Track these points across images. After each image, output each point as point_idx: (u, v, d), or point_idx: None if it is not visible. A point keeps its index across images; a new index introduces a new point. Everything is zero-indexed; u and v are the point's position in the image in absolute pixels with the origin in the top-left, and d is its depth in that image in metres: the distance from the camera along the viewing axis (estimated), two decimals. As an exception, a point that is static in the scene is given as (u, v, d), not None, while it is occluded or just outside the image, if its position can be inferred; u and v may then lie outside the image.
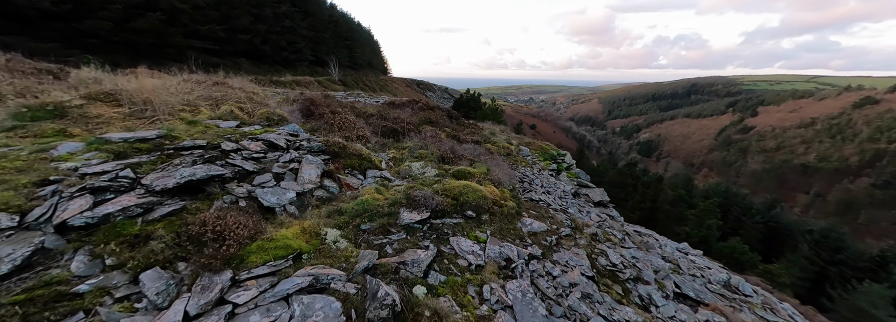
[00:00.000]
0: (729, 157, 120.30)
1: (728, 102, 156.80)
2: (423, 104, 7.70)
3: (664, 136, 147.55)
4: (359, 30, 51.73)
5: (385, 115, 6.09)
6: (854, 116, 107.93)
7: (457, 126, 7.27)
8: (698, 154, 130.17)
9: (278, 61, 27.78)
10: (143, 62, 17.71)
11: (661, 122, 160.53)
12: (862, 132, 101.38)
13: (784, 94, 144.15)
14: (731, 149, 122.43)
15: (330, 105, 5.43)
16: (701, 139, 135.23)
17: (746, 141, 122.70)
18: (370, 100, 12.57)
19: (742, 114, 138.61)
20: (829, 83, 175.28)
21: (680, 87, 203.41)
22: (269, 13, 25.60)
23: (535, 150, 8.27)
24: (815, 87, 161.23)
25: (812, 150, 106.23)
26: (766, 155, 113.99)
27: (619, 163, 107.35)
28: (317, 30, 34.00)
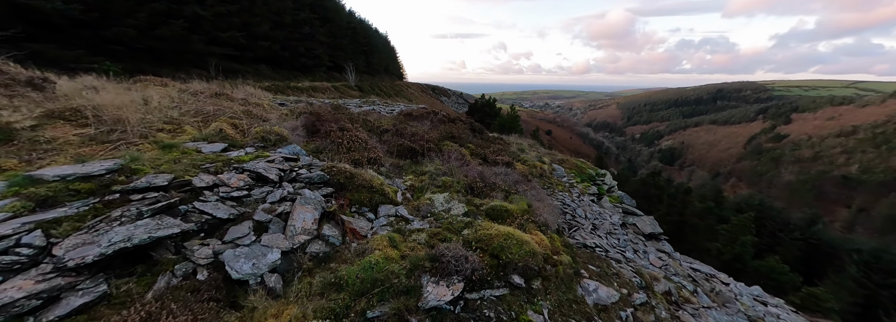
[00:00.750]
0: (760, 166, 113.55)
1: (758, 109, 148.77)
2: (444, 116, 6.88)
3: (688, 143, 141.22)
4: (376, 36, 52.05)
5: (401, 131, 5.29)
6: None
7: (481, 142, 6.40)
8: (726, 163, 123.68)
9: (297, 67, 27.87)
10: (165, 68, 17.90)
11: (684, 129, 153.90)
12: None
13: (821, 101, 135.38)
14: (762, 158, 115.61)
15: (338, 120, 4.68)
16: (728, 147, 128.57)
17: (779, 150, 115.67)
18: (385, 108, 11.89)
19: (774, 121, 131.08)
20: (872, 89, 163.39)
21: (705, 92, 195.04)
22: (288, 20, 25.75)
23: (570, 169, 7.24)
24: (855, 93, 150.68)
25: (854, 161, 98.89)
26: (802, 165, 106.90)
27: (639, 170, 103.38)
28: (335, 36, 34.16)
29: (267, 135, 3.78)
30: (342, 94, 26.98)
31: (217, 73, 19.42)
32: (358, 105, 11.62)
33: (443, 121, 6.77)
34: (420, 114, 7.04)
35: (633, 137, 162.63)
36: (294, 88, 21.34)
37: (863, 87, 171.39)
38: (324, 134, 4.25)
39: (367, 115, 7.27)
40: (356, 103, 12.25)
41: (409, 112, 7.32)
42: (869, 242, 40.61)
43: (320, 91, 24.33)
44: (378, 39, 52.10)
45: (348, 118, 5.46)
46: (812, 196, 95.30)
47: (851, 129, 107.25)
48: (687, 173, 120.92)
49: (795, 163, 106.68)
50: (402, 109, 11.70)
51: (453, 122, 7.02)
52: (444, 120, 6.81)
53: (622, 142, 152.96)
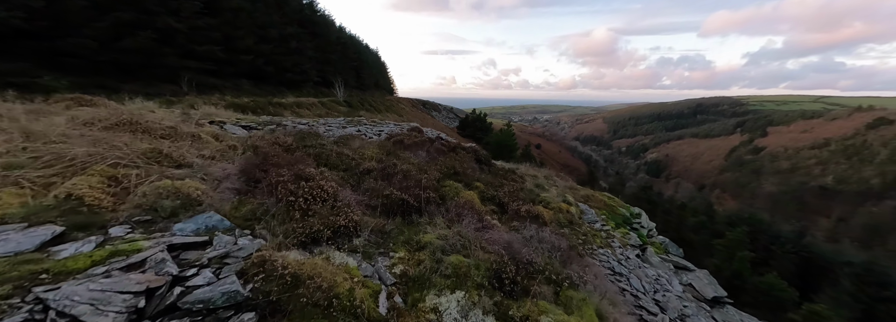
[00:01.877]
0: (741, 178, 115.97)
1: (736, 122, 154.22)
2: (443, 144, 5.49)
3: (672, 156, 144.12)
4: (366, 52, 51.49)
5: (389, 171, 3.84)
6: (869, 137, 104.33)
7: (491, 178, 5.01)
8: (709, 175, 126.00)
9: (282, 82, 26.41)
10: (132, 83, 16.15)
11: (667, 142, 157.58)
12: (880, 153, 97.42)
13: (793, 114, 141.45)
14: (744, 170, 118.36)
15: (296, 162, 3.20)
16: (711, 160, 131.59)
17: (759, 161, 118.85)
18: (373, 128, 10.43)
19: (751, 134, 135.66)
20: (837, 103, 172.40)
21: (685, 107, 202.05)
22: (274, 34, 24.52)
23: (599, 209, 5.86)
24: (823, 108, 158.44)
25: (829, 172, 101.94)
26: (781, 176, 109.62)
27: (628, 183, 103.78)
28: (324, 51, 33.08)
29: (162, 198, 2.25)
30: (329, 110, 25.51)
31: (191, 89, 17.82)
32: (342, 125, 10.13)
33: (441, 151, 5.35)
34: (413, 142, 5.60)
35: (620, 150, 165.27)
36: (276, 105, 19.78)
37: (829, 102, 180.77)
38: (270, 187, 2.76)
39: (347, 143, 5.78)
40: (340, 123, 10.77)
41: (401, 139, 5.87)
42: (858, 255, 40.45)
43: (306, 107, 22.82)
44: (369, 55, 51.51)
45: (317, 154, 3.98)
46: (794, 207, 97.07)
47: (824, 141, 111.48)
48: (673, 185, 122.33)
49: (775, 174, 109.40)
50: (392, 131, 10.28)
51: (454, 151, 5.62)
52: (442, 149, 5.39)
53: (609, 155, 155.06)
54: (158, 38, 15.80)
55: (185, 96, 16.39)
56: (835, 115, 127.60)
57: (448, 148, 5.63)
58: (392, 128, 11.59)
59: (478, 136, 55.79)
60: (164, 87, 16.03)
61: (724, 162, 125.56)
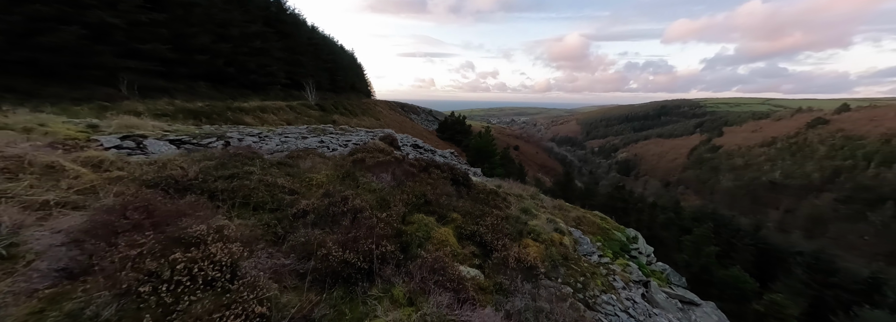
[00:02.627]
0: (702, 175, 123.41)
1: (695, 123, 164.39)
2: (412, 164, 4.50)
3: (640, 155, 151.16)
4: (341, 53, 49.49)
5: (337, 209, 2.82)
6: (809, 136, 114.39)
7: (470, 204, 4.10)
8: (674, 172, 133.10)
9: (246, 84, 24.28)
10: (55, 86, 13.87)
11: (636, 142, 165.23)
12: (819, 150, 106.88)
13: (744, 115, 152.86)
14: (703, 167, 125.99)
15: (179, 215, 2.08)
16: (674, 158, 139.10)
17: (716, 159, 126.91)
18: (339, 139, 9.25)
19: (709, 134, 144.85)
20: (781, 105, 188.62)
21: (651, 109, 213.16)
22: (236, 33, 22.46)
23: (593, 235, 5.15)
24: (769, 109, 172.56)
25: (777, 168, 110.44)
26: (736, 173, 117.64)
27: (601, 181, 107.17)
28: (294, 52, 31.07)
29: None
30: (299, 115, 23.78)
31: (132, 92, 15.66)
32: (301, 135, 8.87)
33: (411, 173, 4.36)
34: (376, 162, 4.56)
35: (593, 150, 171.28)
36: (236, 110, 17.93)
37: (774, 104, 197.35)
38: (113, 265, 1.68)
39: (295, 164, 4.66)
40: (301, 132, 9.47)
41: (362, 158, 4.82)
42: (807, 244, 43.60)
43: (271, 111, 21.01)
44: (343, 56, 49.52)
45: (233, 189, 2.88)
46: (748, 200, 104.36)
47: (771, 139, 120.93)
48: (642, 183, 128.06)
49: (731, 170, 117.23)
50: (362, 140, 9.16)
51: (427, 171, 4.66)
52: (412, 172, 4.39)
53: (583, 155, 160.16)
54: (90, 35, 13.67)
55: (125, 101, 14.32)
56: (780, 115, 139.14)
57: (420, 167, 4.67)
58: (362, 136, 10.46)
59: (458, 139, 55.09)
60: (97, 91, 13.88)
61: (687, 160, 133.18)
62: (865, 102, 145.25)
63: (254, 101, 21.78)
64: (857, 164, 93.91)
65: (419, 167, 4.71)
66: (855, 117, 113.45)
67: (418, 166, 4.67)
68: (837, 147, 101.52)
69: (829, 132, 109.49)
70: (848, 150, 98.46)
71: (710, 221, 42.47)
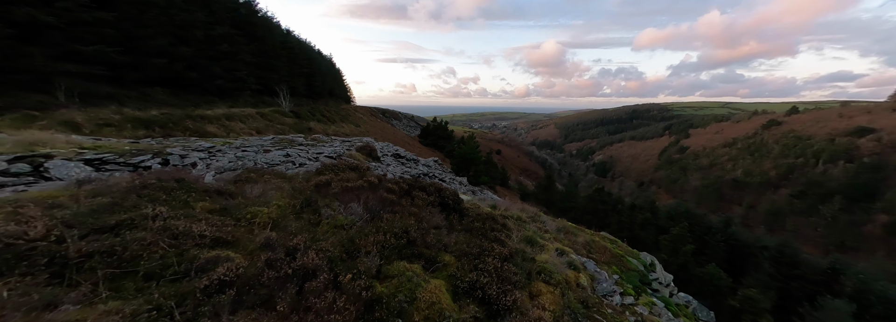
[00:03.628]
0: (672, 174, 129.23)
1: (664, 126, 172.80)
2: (391, 187, 3.56)
3: (615, 157, 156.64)
4: (319, 58, 47.73)
5: (273, 274, 1.87)
6: (765, 136, 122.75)
7: (465, 238, 3.22)
8: (647, 173, 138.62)
9: (211, 90, 22.36)
10: (-28, 93, 11.83)
11: (611, 145, 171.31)
12: (774, 149, 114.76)
13: (707, 118, 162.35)
14: (673, 167, 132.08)
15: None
16: (647, 159, 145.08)
17: (685, 160, 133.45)
18: (310, 151, 8.11)
19: (677, 136, 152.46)
20: (739, 108, 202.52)
21: (623, 113, 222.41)
22: (199, 35, 20.66)
23: (608, 266, 4.43)
24: (729, 112, 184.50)
25: (738, 167, 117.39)
26: (703, 172, 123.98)
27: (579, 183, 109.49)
28: (266, 56, 29.30)
29: None
30: (270, 123, 22.14)
31: (71, 99, 13.70)
32: (263, 148, 7.66)
33: (389, 201, 3.40)
34: (344, 187, 3.55)
35: (571, 153, 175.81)
36: (198, 118, 16.22)
37: (733, 107, 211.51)
38: None
39: (239, 191, 3.60)
40: (264, 144, 8.25)
41: (328, 181, 3.81)
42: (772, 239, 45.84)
43: (239, 119, 19.33)
44: (321, 61, 47.78)
45: (108, 251, 1.85)
46: (715, 198, 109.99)
47: (732, 140, 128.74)
48: (618, 184, 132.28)
49: (698, 170, 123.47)
50: (336, 154, 8.08)
51: (409, 195, 3.73)
52: (390, 199, 3.42)
53: (562, 158, 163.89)
54: (17, 35, 11.80)
55: (61, 110, 12.41)
56: (738, 118, 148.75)
57: (401, 191, 3.74)
58: (337, 147, 9.36)
59: (440, 145, 54.27)
60: (25, 98, 11.93)
61: (658, 161, 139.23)
62: (811, 105, 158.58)
63: (220, 109, 20.00)
64: (807, 161, 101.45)
65: (400, 191, 3.78)
66: (803, 119, 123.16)
67: (399, 190, 3.74)
68: (790, 146, 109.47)
69: (782, 133, 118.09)
70: (799, 148, 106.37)
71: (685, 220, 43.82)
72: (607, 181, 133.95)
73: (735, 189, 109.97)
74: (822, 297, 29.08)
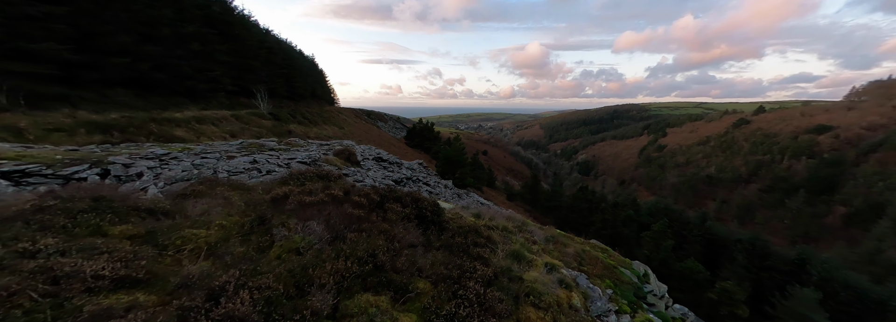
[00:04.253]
0: (651, 172, 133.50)
1: (643, 126, 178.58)
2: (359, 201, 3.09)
3: (598, 156, 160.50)
4: (300, 58, 46.28)
5: None
6: (735, 134, 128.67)
7: (444, 258, 2.80)
8: (628, 171, 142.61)
9: (182, 92, 21.01)
10: None
11: (593, 144, 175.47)
12: (744, 147, 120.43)
13: (683, 118, 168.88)
14: (652, 165, 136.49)
15: None
16: (628, 158, 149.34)
17: (663, 158, 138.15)
18: (281, 157, 7.48)
19: (655, 135, 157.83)
20: (712, 108, 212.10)
21: (605, 113, 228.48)
22: (167, 33, 19.35)
23: (601, 279, 4.09)
24: (702, 111, 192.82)
25: (712, 163, 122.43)
26: (680, 169, 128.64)
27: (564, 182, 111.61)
28: (244, 56, 27.97)
29: None
30: (247, 125, 21.04)
31: (14, 102, 12.38)
32: (226, 154, 6.97)
33: (355, 217, 2.92)
34: (302, 201, 3.03)
35: (556, 153, 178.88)
36: (164, 121, 15.08)
37: (706, 107, 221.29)
38: None
39: (183, 206, 3.03)
40: (228, 150, 7.54)
41: (287, 194, 3.28)
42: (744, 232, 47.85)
43: (212, 122, 18.21)
44: (303, 62, 46.34)
45: None
46: (691, 194, 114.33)
47: (706, 138, 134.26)
48: (601, 182, 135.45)
49: (675, 167, 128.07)
50: (310, 159, 7.49)
51: (382, 208, 3.27)
52: (357, 215, 2.94)
53: (547, 157, 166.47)
54: (-52, 29, 10.51)
55: (2, 113, 11.15)
56: (711, 117, 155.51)
57: (371, 204, 3.27)
58: (313, 152, 8.74)
59: (426, 146, 53.74)
60: (-42, 100, 10.65)
61: (638, 159, 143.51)
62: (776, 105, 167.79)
63: (190, 111, 18.79)
64: (773, 157, 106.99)
65: (370, 204, 3.31)
66: (769, 118, 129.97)
67: (368, 203, 3.26)
68: (758, 143, 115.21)
69: (750, 131, 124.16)
70: (766, 146, 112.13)
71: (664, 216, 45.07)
72: (590, 180, 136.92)
73: (709, 185, 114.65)
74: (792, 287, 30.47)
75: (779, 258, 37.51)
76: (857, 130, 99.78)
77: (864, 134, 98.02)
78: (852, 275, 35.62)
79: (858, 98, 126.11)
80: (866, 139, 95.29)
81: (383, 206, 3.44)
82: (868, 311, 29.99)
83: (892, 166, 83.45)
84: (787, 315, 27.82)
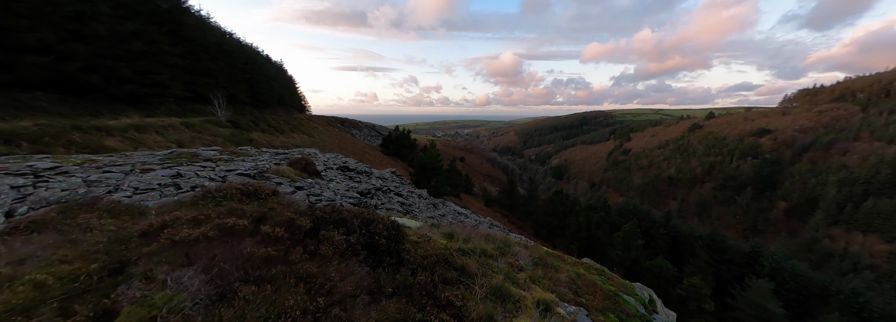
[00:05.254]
0: (619, 174, 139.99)
1: (609, 131, 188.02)
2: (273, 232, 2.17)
3: (570, 160, 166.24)
4: (267, 64, 43.74)
5: None
6: (690, 138, 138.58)
7: (399, 308, 1.96)
8: (597, 174, 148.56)
9: (120, 97, 18.51)
10: None
11: (565, 149, 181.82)
12: (698, 149, 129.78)
13: (644, 123, 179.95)
14: (619, 168, 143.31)
15: None
16: (597, 162, 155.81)
17: (628, 161, 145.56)
18: (218, 169, 6.20)
19: (621, 139, 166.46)
20: (668, 114, 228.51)
21: (575, 119, 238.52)
22: (102, 31, 17.03)
23: (606, 314, 3.32)
24: (660, 117, 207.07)
25: (671, 165, 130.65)
26: (644, 171, 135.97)
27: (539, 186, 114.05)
28: (199, 59, 25.61)
29: None
30: (199, 134, 18.90)
31: None
32: (143, 166, 5.61)
33: (264, 258, 1.92)
34: (172, 241, 2.00)
35: (530, 158, 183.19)
36: (91, 130, 12.92)
37: (663, 113, 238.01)
38: None
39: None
40: (148, 161, 6.13)
41: (165, 223, 2.23)
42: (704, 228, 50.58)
43: (156, 131, 16.05)
44: (269, 67, 43.80)
45: None
46: (654, 194, 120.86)
47: (665, 142, 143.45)
48: (573, 185, 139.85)
49: (639, 170, 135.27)
50: (256, 170, 6.27)
51: (314, 237, 2.30)
52: (265, 255, 1.95)
53: (522, 163, 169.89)
54: None
55: None
56: (669, 123, 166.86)
57: (295, 234, 2.28)
58: (262, 162, 7.48)
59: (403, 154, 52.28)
60: None
61: (606, 163, 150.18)
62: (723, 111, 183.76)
63: (131, 118, 16.50)
64: (724, 158, 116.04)
65: (293, 236, 2.31)
66: (719, 122, 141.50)
67: (289, 235, 2.27)
68: (710, 146, 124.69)
69: (703, 134, 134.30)
70: (717, 148, 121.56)
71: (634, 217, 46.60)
72: (564, 183, 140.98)
73: (670, 185, 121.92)
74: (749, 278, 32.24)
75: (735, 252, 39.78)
76: (792, 133, 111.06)
77: (797, 136, 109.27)
78: (798, 264, 38.38)
79: (790, 104, 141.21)
80: (799, 140, 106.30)
81: (317, 234, 2.46)
82: (813, 297, 32.24)
83: (821, 164, 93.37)
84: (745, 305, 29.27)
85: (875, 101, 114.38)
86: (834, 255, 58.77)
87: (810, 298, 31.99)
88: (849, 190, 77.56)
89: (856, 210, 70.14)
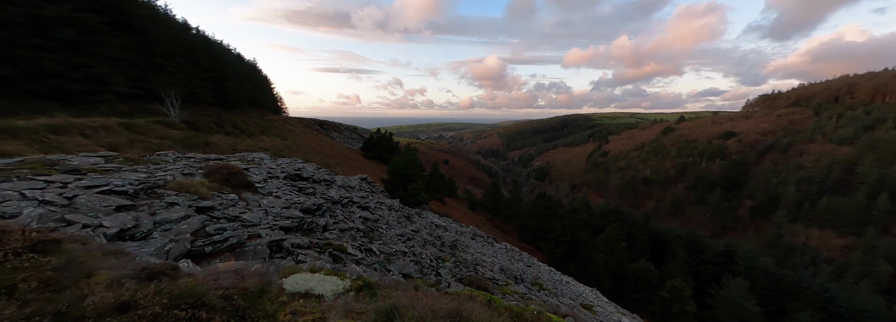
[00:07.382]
0: (598, 176, 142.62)
1: (589, 134, 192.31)
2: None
3: (551, 162, 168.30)
4: (237, 62, 40.68)
5: None
6: (664, 141, 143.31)
7: None
8: (578, 176, 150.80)
9: (45, 94, 15.76)
10: None
11: (547, 152, 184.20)
12: (672, 151, 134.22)
13: (621, 126, 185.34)
14: (598, 170, 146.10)
15: None
16: (577, 164, 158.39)
17: (607, 163, 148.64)
18: (67, 188, 4.33)
19: (599, 142, 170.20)
20: (643, 117, 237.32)
21: (555, 122, 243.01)
22: (17, 14, 14.37)
23: None
24: (636, 121, 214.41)
25: (647, 167, 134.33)
26: (621, 172, 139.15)
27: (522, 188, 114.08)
28: (150, 53, 22.82)
29: None
30: (144, 136, 16.33)
31: None
32: None
33: None
34: None
35: (513, 161, 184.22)
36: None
37: (639, 117, 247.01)
38: None
39: None
40: None
41: None
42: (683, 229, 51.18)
43: (81, 133, 13.50)
44: (240, 66, 40.75)
45: None
46: (632, 195, 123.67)
47: (641, 144, 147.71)
48: (555, 187, 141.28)
49: (617, 171, 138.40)
50: (143, 184, 4.42)
51: None
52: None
53: (506, 165, 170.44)
54: None
55: None
56: (644, 126, 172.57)
57: None
58: (169, 172, 5.62)
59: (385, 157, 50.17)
60: None
61: (586, 165, 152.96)
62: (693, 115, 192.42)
63: (53, 118, 13.87)
64: (695, 160, 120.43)
65: None
66: (689, 126, 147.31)
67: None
68: (682, 148, 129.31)
69: (676, 137, 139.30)
70: (688, 150, 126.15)
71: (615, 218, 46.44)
72: (546, 185, 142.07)
73: (646, 186, 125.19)
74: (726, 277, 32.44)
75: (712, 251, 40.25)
76: (755, 135, 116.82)
77: (759, 138, 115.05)
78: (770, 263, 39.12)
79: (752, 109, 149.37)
80: (761, 142, 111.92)
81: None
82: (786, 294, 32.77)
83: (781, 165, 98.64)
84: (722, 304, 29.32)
85: (826, 106, 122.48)
86: (795, 249, 61.28)
87: (783, 295, 32.59)
88: (806, 189, 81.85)
89: (813, 207, 73.90)
